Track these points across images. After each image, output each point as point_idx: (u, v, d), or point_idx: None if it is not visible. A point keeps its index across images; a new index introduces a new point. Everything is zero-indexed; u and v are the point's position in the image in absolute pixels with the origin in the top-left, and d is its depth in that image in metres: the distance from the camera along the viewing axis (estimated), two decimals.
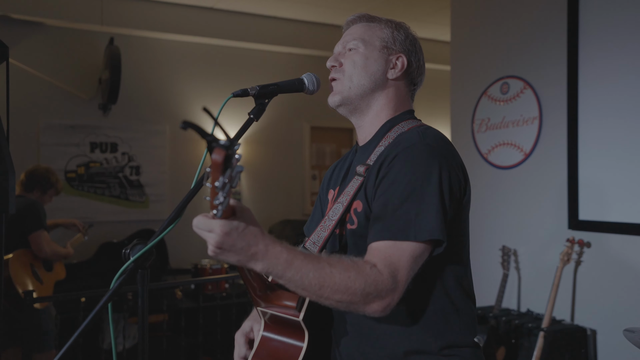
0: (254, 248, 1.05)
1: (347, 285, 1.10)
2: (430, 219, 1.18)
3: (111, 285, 1.09)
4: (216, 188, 0.93)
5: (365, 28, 1.44)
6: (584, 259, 3.22)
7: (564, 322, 3.26)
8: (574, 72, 3.29)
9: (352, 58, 1.40)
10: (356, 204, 1.32)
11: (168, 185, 5.55)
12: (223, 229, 1.01)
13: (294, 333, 1.25)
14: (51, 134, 5.09)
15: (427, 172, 1.22)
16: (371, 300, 1.12)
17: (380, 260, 1.15)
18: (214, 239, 1.02)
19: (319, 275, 1.09)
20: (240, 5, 5.44)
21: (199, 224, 1.03)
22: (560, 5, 3.40)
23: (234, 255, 1.05)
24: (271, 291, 1.28)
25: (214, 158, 0.91)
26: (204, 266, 4.87)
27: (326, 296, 1.10)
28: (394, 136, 1.35)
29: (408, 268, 1.16)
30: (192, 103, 5.66)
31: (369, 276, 1.11)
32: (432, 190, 1.20)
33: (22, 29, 4.92)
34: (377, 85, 1.40)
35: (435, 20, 5.70)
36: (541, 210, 3.52)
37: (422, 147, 1.25)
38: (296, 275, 1.08)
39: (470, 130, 4.00)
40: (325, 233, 1.34)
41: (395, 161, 1.25)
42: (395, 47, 1.42)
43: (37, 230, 3.58)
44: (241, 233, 1.03)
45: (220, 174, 0.92)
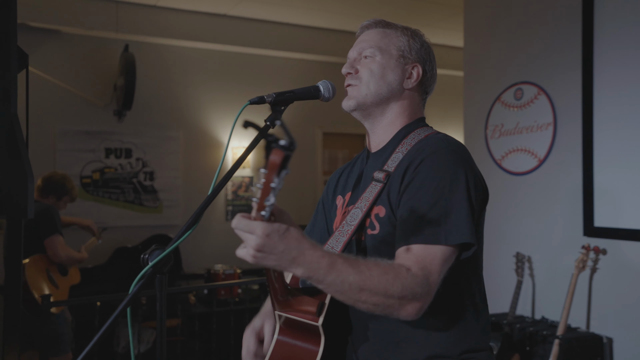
0: (295, 251, 1.03)
1: (385, 289, 1.09)
2: (460, 223, 1.19)
3: (130, 290, 1.10)
4: (272, 190, 0.93)
5: (382, 35, 1.43)
6: (600, 266, 3.20)
7: (579, 330, 3.23)
8: (588, 77, 3.27)
9: (369, 66, 1.40)
10: (377, 209, 1.32)
11: (181, 191, 5.59)
12: (264, 230, 0.99)
13: (310, 338, 1.25)
14: (67, 140, 5.14)
15: (454, 176, 1.23)
16: (406, 303, 1.12)
17: (413, 264, 1.15)
18: (254, 241, 1.00)
19: (359, 278, 1.08)
20: (253, 12, 5.47)
21: (239, 224, 1.00)
22: (574, 10, 3.39)
23: (274, 258, 1.02)
24: (292, 296, 1.28)
25: (273, 159, 0.91)
26: (216, 271, 4.89)
27: (364, 300, 1.09)
28: (411, 143, 1.36)
29: (439, 272, 1.17)
30: (206, 109, 5.69)
31: (406, 279, 1.11)
32: (460, 194, 1.22)
33: (39, 36, 4.99)
34: (393, 94, 1.41)
35: (448, 26, 5.70)
36: (556, 217, 3.49)
37: (447, 152, 1.27)
38: (337, 280, 1.07)
39: (484, 136, 3.99)
40: (344, 238, 1.33)
41: (422, 166, 1.25)
42: (412, 57, 1.42)
43: (53, 235, 3.62)
44: (282, 235, 1.01)
45: (276, 175, 0.92)
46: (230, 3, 5.21)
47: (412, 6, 5.24)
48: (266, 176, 0.93)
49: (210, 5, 5.28)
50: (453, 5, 5.13)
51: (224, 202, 5.76)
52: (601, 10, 3.23)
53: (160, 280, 1.15)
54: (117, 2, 5.10)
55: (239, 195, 5.82)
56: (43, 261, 3.66)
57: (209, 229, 5.59)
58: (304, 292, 1.29)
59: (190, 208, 5.55)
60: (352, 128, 6.37)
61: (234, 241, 4.44)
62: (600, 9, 3.24)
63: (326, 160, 6.42)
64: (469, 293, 1.32)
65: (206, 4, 5.25)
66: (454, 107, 6.24)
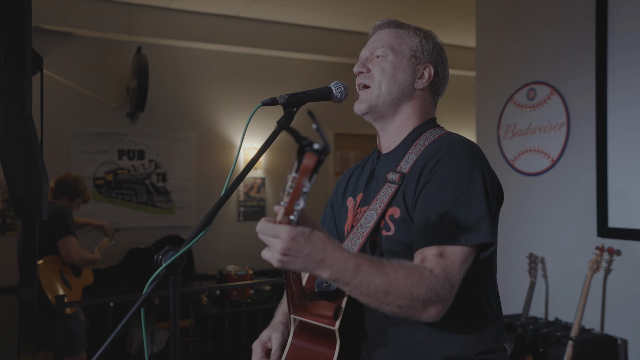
0: (322, 254, 1.03)
1: (410, 291, 1.09)
2: (479, 223, 1.19)
3: (144, 291, 1.11)
4: (303, 194, 0.93)
5: (394, 35, 1.43)
6: (614, 266, 3.17)
7: (593, 332, 3.20)
8: (602, 76, 3.24)
9: (381, 65, 1.40)
10: (392, 210, 1.31)
11: (193, 192, 5.61)
12: (289, 234, 0.99)
13: (325, 342, 1.25)
14: (81, 142, 5.19)
15: (471, 176, 1.23)
16: (430, 305, 1.11)
17: (435, 266, 1.15)
18: (280, 245, 0.99)
19: (386, 280, 1.08)
20: (265, 13, 5.49)
21: (263, 228, 1.00)
22: (588, 9, 3.36)
23: (300, 261, 1.02)
24: (309, 300, 1.27)
25: (306, 163, 0.91)
26: (229, 272, 4.91)
27: (389, 301, 1.09)
28: (424, 144, 1.36)
29: (459, 272, 1.17)
30: (218, 111, 5.72)
31: (430, 281, 1.11)
32: (478, 194, 1.22)
33: (53, 39, 5.03)
34: (404, 94, 1.40)
35: (460, 27, 5.67)
36: (569, 218, 3.47)
37: (463, 152, 1.27)
38: (364, 281, 1.07)
39: (496, 136, 3.97)
40: (359, 240, 1.33)
41: (438, 167, 1.25)
42: (424, 57, 1.42)
43: (66, 236, 3.65)
44: (307, 238, 1.01)
45: (308, 179, 0.92)
46: (241, 5, 5.23)
47: (424, 6, 5.22)
48: (297, 180, 0.93)
49: (221, 7, 5.30)
50: (464, 5, 5.11)
51: (236, 203, 5.77)
52: (615, 9, 3.21)
53: (174, 281, 1.15)
54: (129, 4, 5.14)
55: (250, 196, 5.84)
56: (56, 262, 3.69)
57: (221, 230, 5.61)
58: (321, 296, 1.28)
59: (202, 209, 5.57)
60: (363, 129, 6.36)
61: (246, 242, 4.53)
62: (614, 7, 3.21)
63: (338, 161, 6.42)
64: (484, 294, 1.32)
65: (218, 6, 5.27)
66: (466, 108, 6.21)
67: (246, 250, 5.65)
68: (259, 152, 1.26)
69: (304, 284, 1.33)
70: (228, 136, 5.75)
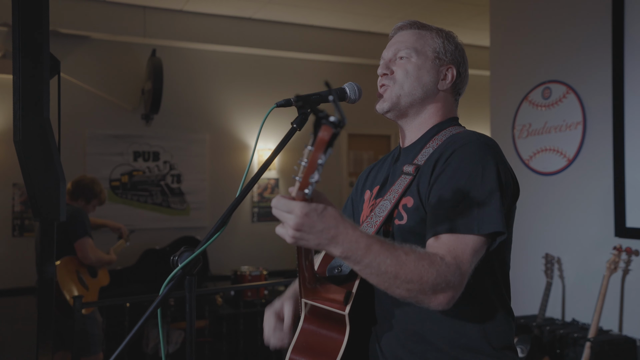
0: (334, 230, 1.04)
1: (420, 275, 1.09)
2: (492, 213, 1.19)
3: (160, 291, 1.12)
4: (319, 166, 0.93)
5: (417, 36, 1.44)
6: (632, 267, 3.13)
7: (611, 333, 3.17)
8: (619, 75, 3.21)
9: (405, 67, 1.41)
10: (405, 200, 1.32)
11: (208, 193, 5.64)
12: (303, 210, 1.00)
13: (335, 327, 1.26)
14: (96, 144, 5.24)
15: (486, 167, 1.23)
16: (439, 291, 1.11)
17: (446, 253, 1.15)
18: (293, 221, 1.01)
19: (396, 262, 1.09)
20: (278, 15, 5.50)
21: (278, 204, 1.02)
22: (604, 7, 3.33)
23: (313, 237, 1.03)
24: (320, 284, 1.28)
25: (321, 135, 0.91)
26: (243, 273, 4.92)
27: (398, 284, 1.10)
28: (442, 139, 1.37)
29: (471, 261, 1.17)
30: (232, 112, 5.74)
31: (441, 267, 1.11)
32: (491, 184, 1.22)
33: (69, 42, 5.09)
34: (427, 95, 1.42)
35: (474, 26, 5.65)
36: (586, 217, 3.43)
37: (479, 144, 1.28)
38: (374, 261, 1.07)
39: (511, 136, 3.95)
40: (372, 229, 1.34)
41: (453, 157, 1.26)
42: (446, 58, 1.43)
43: (82, 238, 3.69)
44: (320, 214, 1.02)
45: (324, 152, 0.92)
46: (254, 6, 5.25)
47: (438, 6, 5.20)
48: (313, 153, 0.93)
49: (235, 9, 5.33)
50: (478, 4, 5.09)
51: (250, 204, 5.79)
52: (632, 6, 3.17)
53: (190, 281, 1.16)
54: (144, 7, 5.18)
55: (264, 197, 5.85)
56: (73, 263, 3.73)
57: (236, 230, 5.63)
58: (332, 281, 1.29)
59: (217, 210, 5.60)
60: (377, 129, 6.36)
61: (260, 243, 4.54)
62: (631, 5, 3.18)
63: (351, 161, 6.41)
64: (495, 286, 1.32)
65: (231, 8, 5.30)
66: (480, 107, 6.18)
67: (260, 251, 5.67)
68: (274, 153, 1.27)
69: (316, 268, 1.34)
70: (242, 137, 5.78)
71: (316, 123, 0.92)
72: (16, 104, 1.99)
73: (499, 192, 1.22)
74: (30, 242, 4.84)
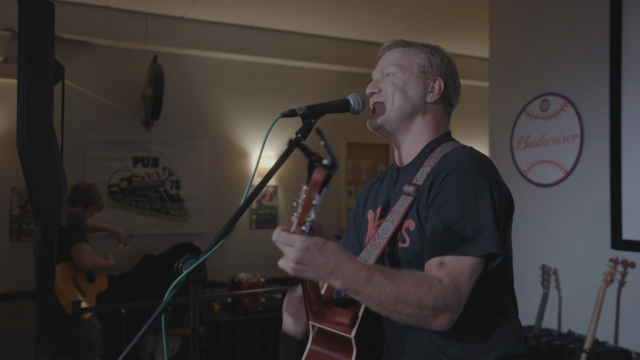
0: (333, 264, 1.07)
1: (420, 300, 1.13)
2: (487, 234, 1.23)
3: (164, 298, 1.13)
4: (313, 206, 0.97)
5: (402, 54, 1.49)
6: (628, 279, 3.15)
7: (607, 344, 3.18)
8: (616, 88, 3.24)
9: (392, 82, 1.45)
10: (407, 222, 1.35)
11: (207, 200, 5.65)
12: (303, 243, 1.03)
13: (342, 349, 1.28)
14: (96, 149, 5.25)
15: (479, 189, 1.27)
16: (439, 314, 1.15)
17: (444, 276, 1.18)
18: (294, 254, 1.04)
19: (396, 290, 1.12)
20: (280, 23, 5.54)
21: (279, 237, 1.05)
22: (601, 20, 3.36)
23: (313, 270, 1.06)
24: (326, 307, 1.31)
25: (315, 177, 0.95)
26: (240, 280, 4.93)
27: (399, 310, 1.13)
28: (438, 157, 1.39)
29: (468, 282, 1.20)
30: (232, 119, 5.76)
31: (439, 291, 1.15)
32: (485, 206, 1.25)
33: (70, 48, 5.11)
34: (416, 109, 1.45)
35: (473, 37, 5.69)
36: (583, 229, 3.46)
37: (472, 165, 1.30)
38: (374, 291, 1.11)
39: (509, 147, 3.97)
40: (377, 251, 1.36)
41: (447, 180, 1.29)
42: (432, 71, 1.46)
43: (79, 243, 3.67)
44: (320, 248, 1.05)
45: (318, 192, 0.96)
46: (256, 14, 5.28)
47: (438, 17, 5.25)
48: (308, 193, 0.97)
49: (237, 17, 5.36)
50: (478, 16, 5.13)
51: (249, 211, 5.80)
52: (629, 20, 3.21)
53: (194, 288, 1.18)
54: (146, 14, 5.21)
55: (263, 204, 5.87)
56: (70, 269, 3.72)
57: (234, 238, 5.63)
58: (338, 304, 1.31)
59: (215, 217, 5.61)
60: (376, 138, 6.38)
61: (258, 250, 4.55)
62: (629, 19, 3.21)
63: (350, 170, 6.44)
64: (498, 301, 1.35)
65: (233, 16, 5.33)
66: (479, 118, 6.21)
67: (258, 258, 5.67)
68: (278, 163, 1.28)
69: (323, 291, 1.36)
70: (241, 145, 5.80)
71: (310, 165, 0.96)
72: (20, 109, 2.00)
73: (492, 213, 1.25)
74: (28, 246, 4.84)
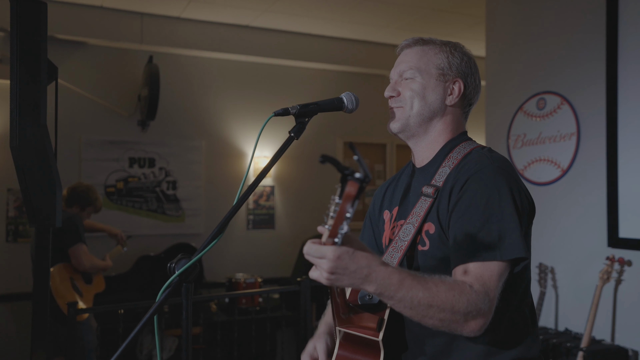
0: (367, 270, 1.08)
1: (452, 305, 1.13)
2: (512, 238, 1.23)
3: (157, 298, 1.13)
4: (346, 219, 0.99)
5: (420, 54, 1.45)
6: (625, 277, 3.15)
7: (604, 342, 3.18)
8: (613, 86, 3.24)
9: (410, 87, 1.43)
10: (427, 225, 1.35)
11: (203, 200, 5.64)
12: (334, 253, 1.04)
13: (370, 353, 1.30)
14: (92, 150, 5.23)
15: (502, 192, 1.27)
16: (471, 319, 1.15)
17: (474, 281, 1.19)
18: (326, 265, 1.05)
19: (428, 295, 1.13)
20: (276, 23, 5.53)
21: (310, 250, 1.06)
22: (598, 19, 3.36)
23: (347, 278, 1.08)
24: (353, 313, 1.33)
25: (349, 190, 0.96)
26: (238, 280, 4.92)
27: (431, 315, 1.14)
28: (457, 157, 1.39)
29: (497, 287, 1.21)
30: (228, 120, 5.75)
31: (471, 296, 1.15)
32: (509, 210, 1.26)
33: (65, 48, 5.09)
34: (435, 113, 1.44)
35: (470, 36, 5.68)
36: (579, 228, 3.46)
37: (493, 169, 1.30)
38: (407, 295, 1.12)
39: (506, 146, 3.97)
40: (398, 254, 1.37)
41: (469, 184, 1.29)
42: (452, 73, 1.44)
43: (76, 244, 3.67)
44: (352, 256, 1.06)
45: (351, 205, 0.97)
46: (252, 14, 5.27)
47: (434, 16, 5.24)
48: (341, 206, 0.98)
49: (232, 17, 5.35)
50: (475, 15, 5.12)
51: (246, 211, 5.79)
52: (626, 18, 3.21)
53: (187, 288, 1.17)
54: (142, 14, 5.20)
55: (260, 204, 5.86)
56: (67, 270, 3.71)
57: (231, 238, 5.62)
58: (364, 309, 1.34)
59: (212, 217, 5.60)
60: (373, 137, 6.38)
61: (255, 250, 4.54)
62: (625, 17, 3.21)
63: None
64: (518, 305, 1.35)
65: (229, 15, 5.32)
66: (475, 117, 6.19)
67: (255, 258, 5.66)
68: (271, 162, 1.28)
69: (347, 297, 1.38)
70: (238, 144, 5.78)
71: (342, 178, 0.97)
72: (13, 110, 1.99)
73: (517, 216, 1.25)
74: (24, 247, 4.83)
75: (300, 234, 5.84)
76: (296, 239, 5.80)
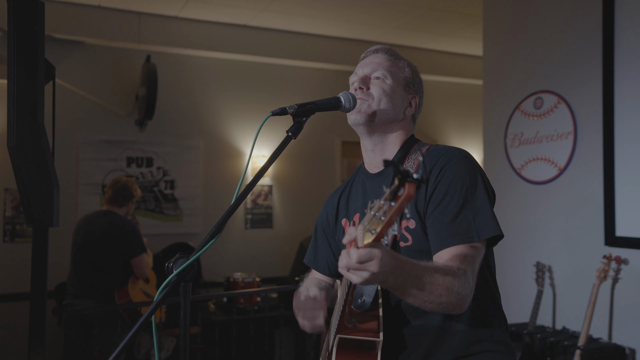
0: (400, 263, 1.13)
1: (450, 287, 1.20)
2: (487, 219, 1.35)
3: (155, 297, 1.13)
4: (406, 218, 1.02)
5: (392, 62, 1.55)
6: (622, 276, 3.16)
7: (601, 341, 3.19)
8: (609, 85, 3.25)
9: (381, 86, 1.50)
10: (406, 222, 1.41)
11: (201, 199, 5.64)
12: (381, 252, 1.06)
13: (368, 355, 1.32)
14: (89, 149, 5.23)
15: (473, 180, 1.39)
16: (462, 298, 1.23)
17: (458, 263, 1.27)
18: (375, 266, 1.04)
19: (430, 280, 1.19)
20: (273, 22, 5.53)
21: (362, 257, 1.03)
22: (594, 18, 3.37)
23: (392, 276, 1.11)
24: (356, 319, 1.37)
25: (409, 192, 0.95)
26: (236, 279, 4.92)
27: (431, 300, 1.20)
28: (415, 157, 1.48)
29: (475, 266, 1.30)
30: (226, 119, 5.75)
31: (460, 277, 1.23)
32: (481, 194, 1.38)
33: (63, 47, 5.09)
34: (397, 117, 1.52)
35: (467, 35, 5.69)
36: (576, 226, 3.46)
37: (462, 159, 1.42)
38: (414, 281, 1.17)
39: (503, 145, 3.98)
40: None
41: (443, 174, 1.39)
42: (413, 88, 1.56)
43: (140, 255, 3.82)
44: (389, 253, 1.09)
45: (407, 205, 0.97)
46: (250, 14, 5.27)
47: (431, 16, 5.25)
48: (395, 209, 0.96)
49: (230, 16, 5.35)
50: (472, 14, 5.13)
51: (244, 210, 5.80)
52: (622, 18, 3.22)
53: (185, 288, 1.17)
54: (139, 13, 5.19)
55: (258, 203, 5.86)
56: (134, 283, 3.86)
57: (229, 237, 5.63)
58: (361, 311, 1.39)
59: (210, 216, 5.60)
60: None
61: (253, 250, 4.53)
62: (621, 17, 3.22)
63: (345, 168, 6.43)
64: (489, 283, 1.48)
65: (227, 15, 5.32)
66: (473, 116, 6.22)
67: (253, 258, 5.66)
68: (269, 161, 1.28)
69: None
70: (236, 144, 5.79)
71: (400, 181, 0.95)
72: (10, 110, 1.99)
73: (488, 199, 1.38)
74: (21, 247, 4.82)
75: (298, 234, 5.84)
76: (294, 238, 5.80)
